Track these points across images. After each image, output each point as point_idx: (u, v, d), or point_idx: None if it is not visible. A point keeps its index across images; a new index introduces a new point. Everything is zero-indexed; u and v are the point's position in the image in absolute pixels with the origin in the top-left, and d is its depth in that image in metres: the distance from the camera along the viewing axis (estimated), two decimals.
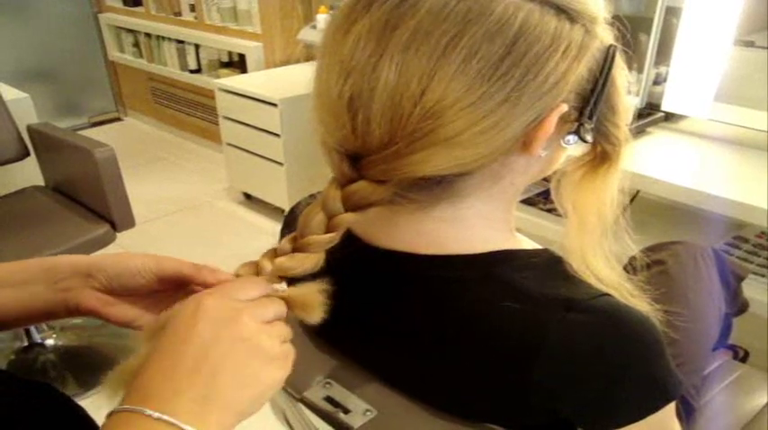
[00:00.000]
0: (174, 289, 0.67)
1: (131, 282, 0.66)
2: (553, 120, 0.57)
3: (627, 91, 0.65)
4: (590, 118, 0.60)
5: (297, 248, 0.60)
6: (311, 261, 0.59)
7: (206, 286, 0.61)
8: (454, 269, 0.63)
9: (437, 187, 0.60)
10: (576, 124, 0.61)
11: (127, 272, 0.65)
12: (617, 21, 0.63)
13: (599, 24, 0.60)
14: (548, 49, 0.55)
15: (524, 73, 0.54)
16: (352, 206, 0.58)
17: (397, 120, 0.54)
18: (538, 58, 0.54)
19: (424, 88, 0.53)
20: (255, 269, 0.60)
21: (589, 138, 0.62)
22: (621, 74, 0.64)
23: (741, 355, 1.42)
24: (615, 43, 0.61)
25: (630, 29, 0.65)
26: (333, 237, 0.59)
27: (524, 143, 0.59)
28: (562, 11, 0.56)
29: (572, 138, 0.62)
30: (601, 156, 0.66)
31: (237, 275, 0.60)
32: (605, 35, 0.61)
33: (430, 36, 0.53)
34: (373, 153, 0.56)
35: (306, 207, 0.68)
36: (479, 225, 0.65)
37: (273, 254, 0.60)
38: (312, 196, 0.75)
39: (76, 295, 0.67)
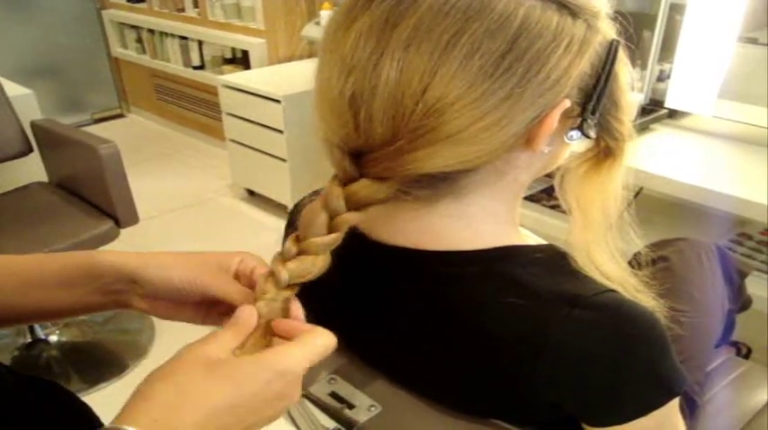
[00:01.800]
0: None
1: (177, 296, 0.66)
2: (556, 116, 0.57)
3: (630, 86, 0.65)
4: (593, 113, 0.60)
5: (302, 251, 0.59)
6: (322, 262, 0.59)
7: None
8: (458, 265, 0.63)
9: (440, 184, 0.60)
10: (579, 120, 0.61)
11: (171, 288, 0.65)
12: (619, 16, 0.63)
13: (601, 19, 0.60)
14: (550, 45, 0.55)
15: (526, 69, 0.54)
16: (354, 205, 0.58)
17: (399, 118, 0.54)
18: (540, 55, 0.54)
19: (425, 86, 0.53)
20: (274, 279, 0.59)
21: (592, 133, 0.62)
22: (624, 69, 0.64)
23: (744, 352, 1.42)
24: (618, 38, 0.61)
25: (634, 25, 0.65)
26: (336, 238, 0.59)
27: (527, 139, 0.59)
28: (564, 6, 0.56)
29: (575, 133, 0.62)
30: (604, 151, 0.66)
31: (259, 292, 0.60)
32: (608, 30, 0.61)
33: (431, 33, 0.53)
34: (376, 150, 0.56)
35: (309, 204, 0.68)
36: (483, 221, 0.65)
37: (282, 259, 0.60)
38: (315, 193, 0.75)
39: (128, 298, 0.68)
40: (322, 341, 0.56)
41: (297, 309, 0.61)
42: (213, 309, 0.69)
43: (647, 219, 0.68)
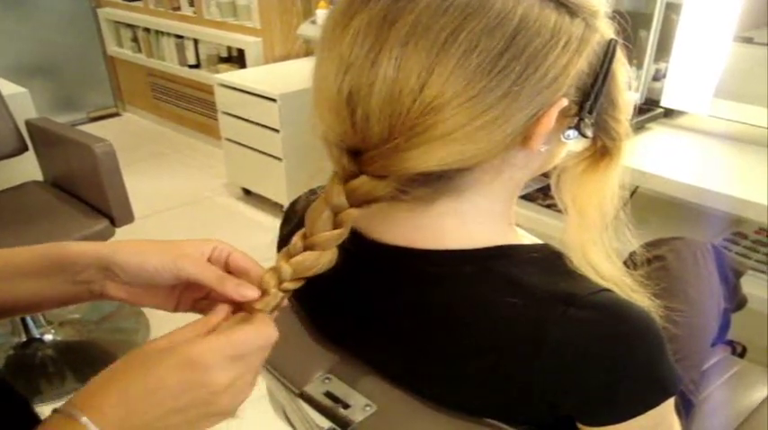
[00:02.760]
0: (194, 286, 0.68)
1: (150, 281, 0.66)
2: (553, 114, 0.57)
3: (627, 85, 0.65)
4: (590, 112, 0.60)
5: (308, 246, 0.60)
6: (326, 257, 0.60)
7: (228, 301, 0.62)
8: (453, 264, 0.63)
9: (437, 182, 0.60)
10: (577, 119, 0.61)
11: (145, 273, 0.65)
12: (617, 15, 0.63)
13: (599, 18, 0.60)
14: (548, 44, 0.55)
15: (524, 67, 0.54)
16: (356, 201, 0.58)
17: (396, 116, 0.54)
18: (538, 53, 0.54)
19: (423, 83, 0.53)
20: (278, 274, 0.60)
21: (589, 132, 0.62)
22: (622, 68, 0.64)
23: (739, 351, 1.42)
24: (616, 37, 0.61)
25: (631, 25, 0.65)
26: (341, 233, 0.59)
27: (524, 138, 0.59)
28: (562, 4, 0.56)
29: (572, 132, 0.62)
30: (601, 150, 0.66)
31: (262, 282, 0.61)
32: (606, 29, 0.61)
33: (429, 30, 0.53)
34: (373, 148, 0.56)
35: (305, 202, 0.68)
36: (479, 220, 0.65)
37: (288, 254, 0.61)
38: (312, 191, 0.75)
39: (100, 286, 0.67)
40: (243, 335, 0.56)
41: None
42: (185, 296, 0.69)
43: (642, 218, 0.68)
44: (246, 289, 0.61)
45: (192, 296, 0.70)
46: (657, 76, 1.96)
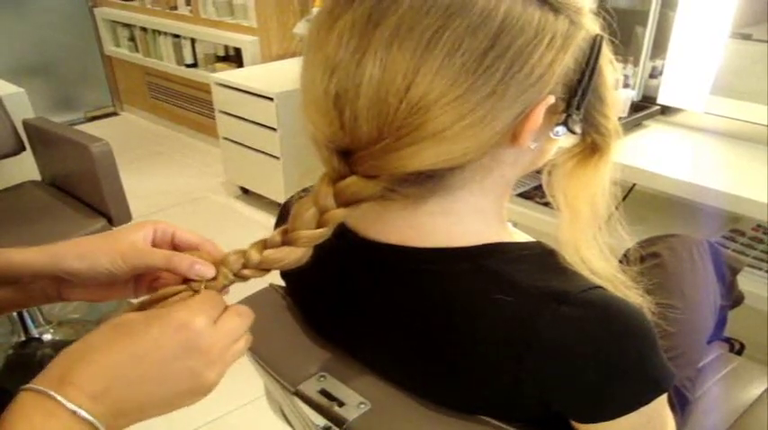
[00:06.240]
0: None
1: (107, 280, 0.66)
2: (540, 112, 0.57)
3: (615, 81, 0.65)
4: (578, 109, 0.60)
5: (286, 241, 0.60)
6: (296, 254, 0.59)
7: (179, 274, 0.61)
8: (446, 262, 0.63)
9: (428, 181, 0.60)
10: (565, 115, 0.61)
11: (99, 274, 0.64)
12: (604, 11, 0.63)
13: (584, 14, 0.60)
14: (531, 42, 0.54)
15: (509, 66, 0.54)
16: (344, 201, 0.58)
17: (383, 116, 0.54)
18: (522, 51, 0.54)
19: (408, 83, 0.53)
20: (244, 257, 0.60)
21: (578, 129, 0.61)
22: (609, 64, 0.63)
23: (737, 348, 1.42)
24: (601, 33, 0.61)
25: (627, 22, 0.65)
26: (324, 232, 0.59)
27: (513, 136, 0.59)
28: (545, 2, 0.56)
29: (561, 129, 0.62)
30: (591, 147, 0.66)
31: (224, 261, 0.60)
32: (591, 25, 0.60)
33: (412, 31, 0.53)
34: (362, 149, 0.56)
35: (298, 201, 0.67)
36: (471, 218, 0.65)
37: (263, 245, 0.60)
38: (305, 190, 0.75)
39: (56, 290, 0.68)
40: (220, 299, 0.58)
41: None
42: (139, 282, 0.70)
43: (640, 215, 0.69)
44: (203, 267, 0.61)
45: (145, 280, 0.70)
46: (654, 74, 1.96)
